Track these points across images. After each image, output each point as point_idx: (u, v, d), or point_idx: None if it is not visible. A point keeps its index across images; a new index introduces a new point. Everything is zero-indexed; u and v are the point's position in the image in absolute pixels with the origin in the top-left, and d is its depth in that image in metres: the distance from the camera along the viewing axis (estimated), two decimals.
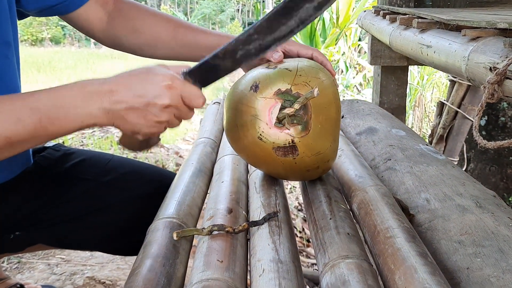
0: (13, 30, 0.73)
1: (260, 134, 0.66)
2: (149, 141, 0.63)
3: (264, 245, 0.59)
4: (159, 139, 0.65)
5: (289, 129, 0.65)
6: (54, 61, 8.25)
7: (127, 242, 0.87)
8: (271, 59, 0.70)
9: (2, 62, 0.71)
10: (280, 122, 0.65)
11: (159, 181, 0.88)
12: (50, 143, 0.92)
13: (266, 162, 0.70)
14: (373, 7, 1.79)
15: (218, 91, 6.23)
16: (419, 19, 1.10)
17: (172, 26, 0.81)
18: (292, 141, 0.65)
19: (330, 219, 0.65)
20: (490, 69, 0.65)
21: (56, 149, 0.91)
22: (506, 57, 0.62)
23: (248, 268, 0.60)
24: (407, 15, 1.23)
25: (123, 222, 0.86)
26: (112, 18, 0.83)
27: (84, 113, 0.56)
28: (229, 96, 0.72)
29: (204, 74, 0.60)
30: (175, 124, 0.61)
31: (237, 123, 0.68)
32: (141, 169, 0.92)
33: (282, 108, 0.65)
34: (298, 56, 0.76)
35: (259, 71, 0.69)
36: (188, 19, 17.73)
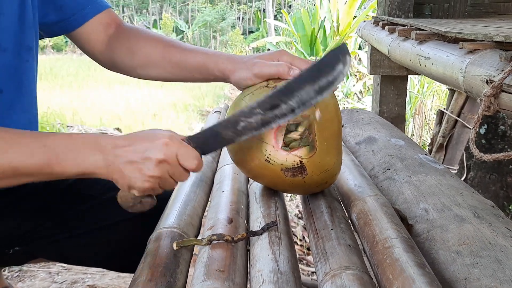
0: (35, 36, 0.76)
1: (268, 157, 0.66)
2: (144, 202, 0.65)
3: (264, 256, 0.60)
4: (154, 202, 0.67)
5: (296, 151, 0.65)
6: (56, 69, 8.29)
7: (130, 260, 0.87)
8: (289, 77, 0.70)
9: (23, 66, 0.74)
10: (287, 145, 0.66)
11: (163, 199, 0.88)
12: None
13: (274, 182, 0.70)
14: (372, 17, 1.81)
15: (218, 98, 6.25)
16: (418, 31, 1.11)
17: (162, 46, 0.83)
18: (301, 161, 0.66)
19: (332, 229, 0.66)
20: (487, 81, 0.66)
21: None
22: (502, 70, 0.63)
23: (248, 278, 0.60)
24: (406, 26, 1.25)
25: (126, 240, 0.85)
26: (111, 41, 0.85)
27: (89, 161, 0.60)
28: None
29: (205, 140, 0.63)
30: (169, 184, 0.63)
31: (243, 146, 0.68)
32: None
33: (287, 131, 0.65)
34: None
35: (258, 93, 0.69)
36: (189, 27, 17.83)
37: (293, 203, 2.36)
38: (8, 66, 0.71)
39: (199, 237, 0.66)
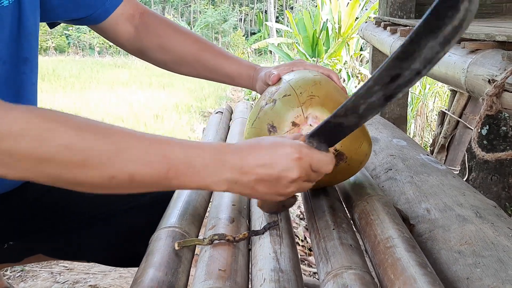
0: (34, 45, 0.75)
1: None
2: (287, 204, 0.64)
3: (265, 255, 0.60)
4: (296, 199, 0.65)
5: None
6: (58, 70, 8.32)
7: (125, 253, 0.87)
8: (269, 82, 0.74)
9: (20, 78, 0.72)
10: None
11: (166, 197, 0.88)
12: None
13: (324, 181, 0.70)
14: (374, 18, 1.81)
15: (220, 100, 6.26)
16: None
17: (196, 48, 0.85)
18: (336, 149, 0.66)
19: (333, 229, 0.66)
20: (489, 81, 0.66)
21: None
22: (504, 69, 0.63)
23: (250, 278, 0.60)
24: (408, 27, 1.25)
25: (120, 232, 0.85)
26: (139, 32, 0.86)
27: (210, 178, 0.55)
28: None
29: (328, 135, 0.58)
30: (307, 186, 0.60)
31: None
32: None
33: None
34: None
35: (264, 111, 0.69)
36: (191, 29, 17.88)
37: (295, 204, 2.36)
38: (7, 78, 0.70)
39: (201, 237, 0.66)
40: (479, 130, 0.62)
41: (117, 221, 0.86)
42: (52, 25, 0.86)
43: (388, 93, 0.51)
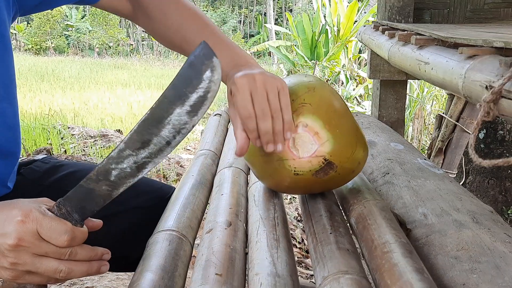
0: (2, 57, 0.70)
1: (294, 171, 0.67)
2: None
3: (262, 259, 0.60)
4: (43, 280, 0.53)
5: (315, 152, 0.65)
6: (58, 70, 8.32)
7: (121, 257, 0.87)
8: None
9: None
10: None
11: (153, 193, 0.87)
12: (39, 156, 0.91)
13: (313, 187, 0.71)
14: (372, 22, 1.81)
15: (219, 101, 6.26)
16: (417, 36, 1.11)
17: (196, 29, 0.76)
18: (325, 159, 0.66)
19: (331, 233, 0.66)
20: (486, 87, 0.66)
21: (45, 161, 0.88)
22: (502, 76, 0.63)
23: (246, 282, 0.60)
24: (406, 31, 1.25)
25: (114, 236, 0.85)
26: (136, 11, 0.80)
27: None
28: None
29: (80, 201, 0.53)
30: (47, 266, 0.51)
31: (269, 173, 0.70)
32: None
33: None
34: None
35: None
36: None
37: (293, 205, 2.36)
38: None
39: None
40: (476, 136, 0.62)
41: (114, 223, 0.85)
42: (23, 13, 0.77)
43: (140, 161, 0.51)
